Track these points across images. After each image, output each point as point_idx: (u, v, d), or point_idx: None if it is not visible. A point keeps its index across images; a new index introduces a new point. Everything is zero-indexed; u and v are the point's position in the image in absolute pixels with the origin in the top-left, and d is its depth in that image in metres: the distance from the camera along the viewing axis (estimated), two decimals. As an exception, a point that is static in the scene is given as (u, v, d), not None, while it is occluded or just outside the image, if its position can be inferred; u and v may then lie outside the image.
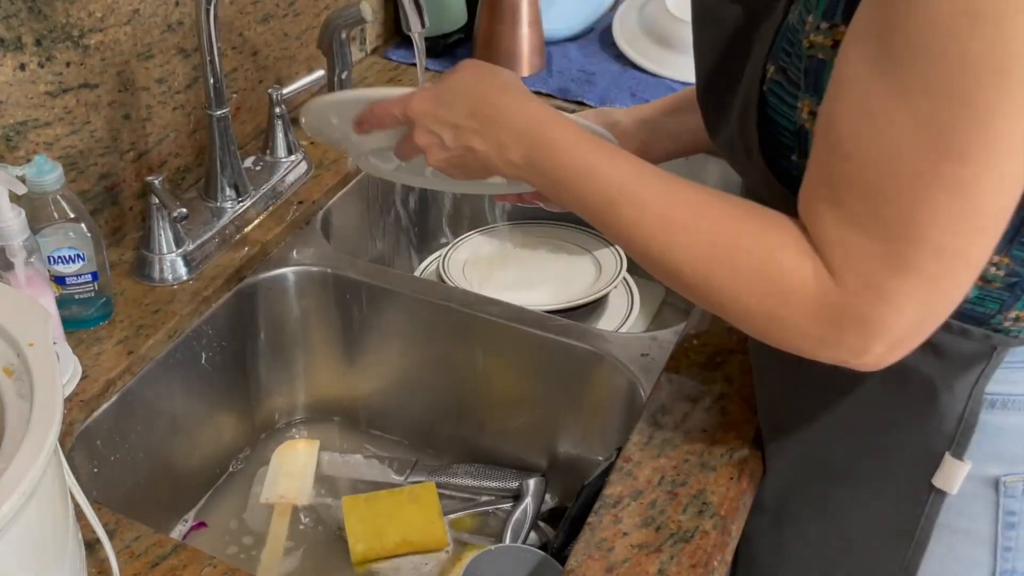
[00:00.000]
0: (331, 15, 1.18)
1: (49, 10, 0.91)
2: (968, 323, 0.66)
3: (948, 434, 0.70)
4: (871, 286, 0.59)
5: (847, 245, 0.59)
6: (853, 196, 0.58)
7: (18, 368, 0.56)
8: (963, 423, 0.69)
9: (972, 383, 0.68)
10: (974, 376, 0.68)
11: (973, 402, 0.68)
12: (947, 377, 0.68)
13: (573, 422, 1.03)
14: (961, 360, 0.67)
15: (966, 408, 0.68)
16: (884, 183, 0.57)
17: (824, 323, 0.61)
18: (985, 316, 0.66)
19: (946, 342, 0.66)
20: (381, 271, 1.08)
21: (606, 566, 0.72)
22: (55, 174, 0.87)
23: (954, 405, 0.69)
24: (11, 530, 0.49)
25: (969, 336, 0.67)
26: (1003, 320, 0.66)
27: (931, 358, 0.67)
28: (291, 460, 1.11)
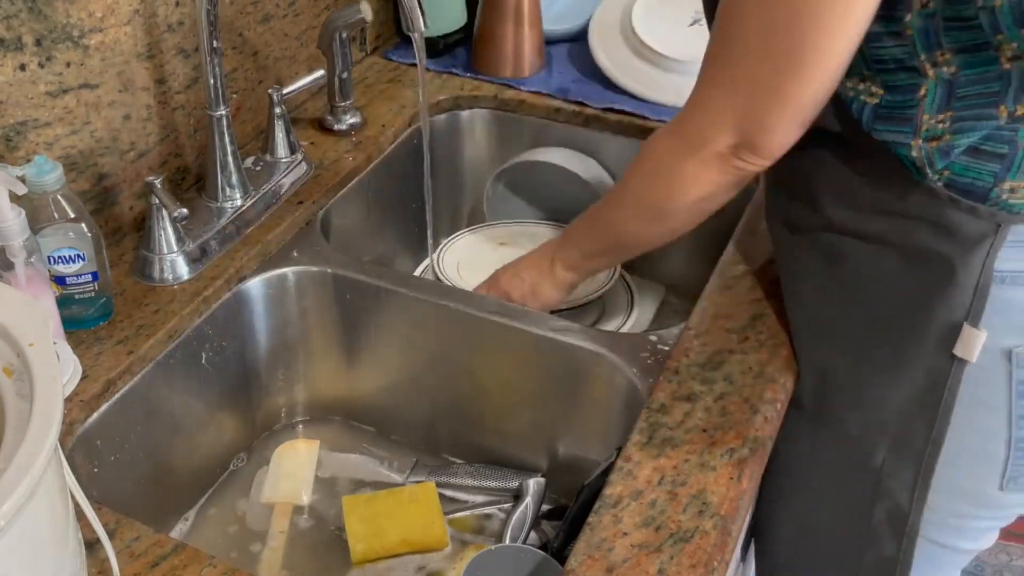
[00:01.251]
0: (331, 15, 1.18)
1: (49, 10, 0.91)
2: (973, 200, 0.74)
3: (965, 306, 0.78)
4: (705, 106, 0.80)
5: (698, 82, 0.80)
6: (710, 48, 0.78)
7: (18, 368, 0.56)
8: (977, 294, 0.77)
9: (983, 258, 0.76)
10: (984, 251, 0.76)
11: (985, 275, 0.76)
12: (961, 254, 0.76)
13: (573, 422, 1.03)
14: (972, 238, 0.76)
15: (979, 281, 0.77)
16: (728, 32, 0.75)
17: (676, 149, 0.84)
18: (984, 189, 0.74)
19: (957, 220, 0.75)
20: (381, 271, 1.08)
21: (606, 566, 0.72)
22: (55, 174, 0.87)
23: (969, 279, 0.77)
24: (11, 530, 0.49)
25: (977, 214, 0.75)
26: (1000, 192, 0.74)
27: (946, 238, 0.76)
28: (291, 460, 1.11)
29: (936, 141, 0.74)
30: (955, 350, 0.80)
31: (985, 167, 0.74)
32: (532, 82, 1.37)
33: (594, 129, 1.31)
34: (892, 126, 0.75)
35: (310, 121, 1.28)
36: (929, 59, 0.71)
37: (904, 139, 0.75)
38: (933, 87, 0.73)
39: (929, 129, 0.74)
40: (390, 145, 1.28)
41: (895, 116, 0.75)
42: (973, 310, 0.78)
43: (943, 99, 0.73)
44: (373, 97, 1.35)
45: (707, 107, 0.79)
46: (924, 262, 0.78)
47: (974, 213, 0.75)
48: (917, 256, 0.78)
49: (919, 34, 0.71)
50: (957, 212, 0.75)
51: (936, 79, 0.72)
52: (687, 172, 0.83)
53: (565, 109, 1.32)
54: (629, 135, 1.29)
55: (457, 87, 1.37)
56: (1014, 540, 1.89)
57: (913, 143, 0.74)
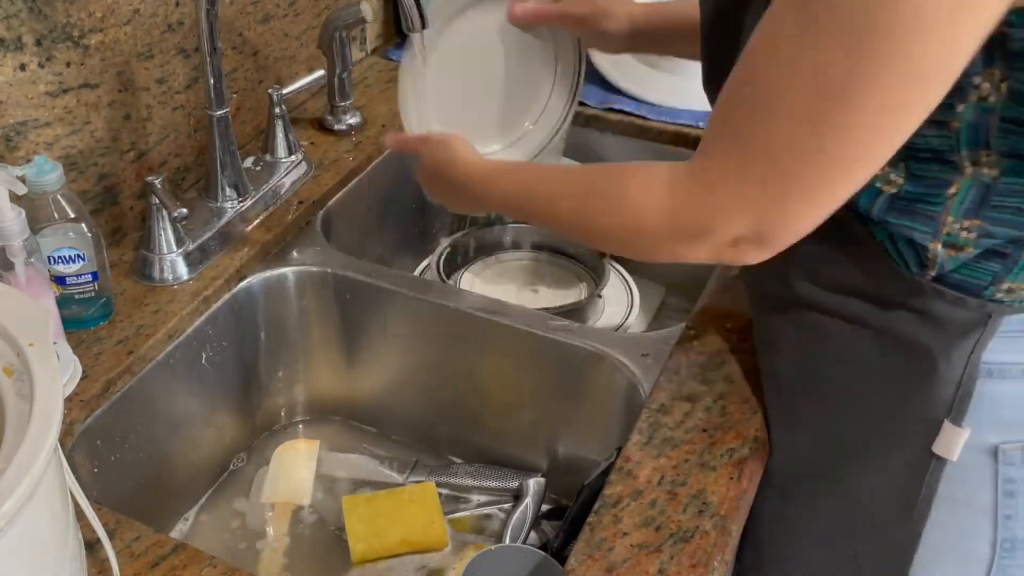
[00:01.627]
0: (331, 15, 1.18)
1: (49, 10, 0.91)
2: (962, 292, 0.68)
3: (947, 402, 0.72)
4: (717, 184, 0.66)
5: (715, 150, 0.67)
6: (736, 110, 0.65)
7: (18, 368, 0.56)
8: (960, 390, 0.71)
9: (968, 351, 0.70)
10: (970, 344, 0.70)
11: (970, 369, 0.70)
12: (945, 345, 0.70)
13: (573, 422, 1.03)
14: (957, 328, 0.70)
15: (963, 375, 0.71)
16: (764, 101, 0.62)
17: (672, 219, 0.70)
18: (978, 288, 0.68)
19: (942, 311, 0.69)
20: (381, 271, 1.08)
21: (606, 566, 0.72)
22: (55, 174, 0.87)
23: (952, 373, 0.71)
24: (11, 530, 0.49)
25: (965, 306, 0.69)
26: (995, 292, 0.68)
27: (929, 327, 0.70)
28: (291, 460, 1.10)
29: (955, 250, 0.67)
30: (934, 447, 0.74)
31: (985, 267, 0.67)
32: (532, 82, 1.37)
33: (594, 129, 1.31)
34: (909, 221, 0.67)
35: (310, 121, 1.28)
36: (971, 157, 0.64)
37: (922, 239, 0.67)
38: (967, 187, 0.65)
39: (951, 235, 0.66)
40: (390, 145, 1.28)
41: (916, 211, 0.67)
42: (956, 406, 0.72)
43: (974, 203, 0.65)
44: (373, 97, 1.35)
45: (719, 190, 0.66)
46: (903, 350, 0.72)
47: (962, 305, 0.69)
48: (896, 342, 0.72)
49: (967, 128, 0.62)
50: (942, 303, 0.69)
51: (973, 179, 0.64)
52: (668, 250, 0.72)
53: (565, 109, 1.32)
54: (629, 135, 1.29)
55: (457, 87, 1.37)
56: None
57: (931, 245, 0.67)
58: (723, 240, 0.68)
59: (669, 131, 1.27)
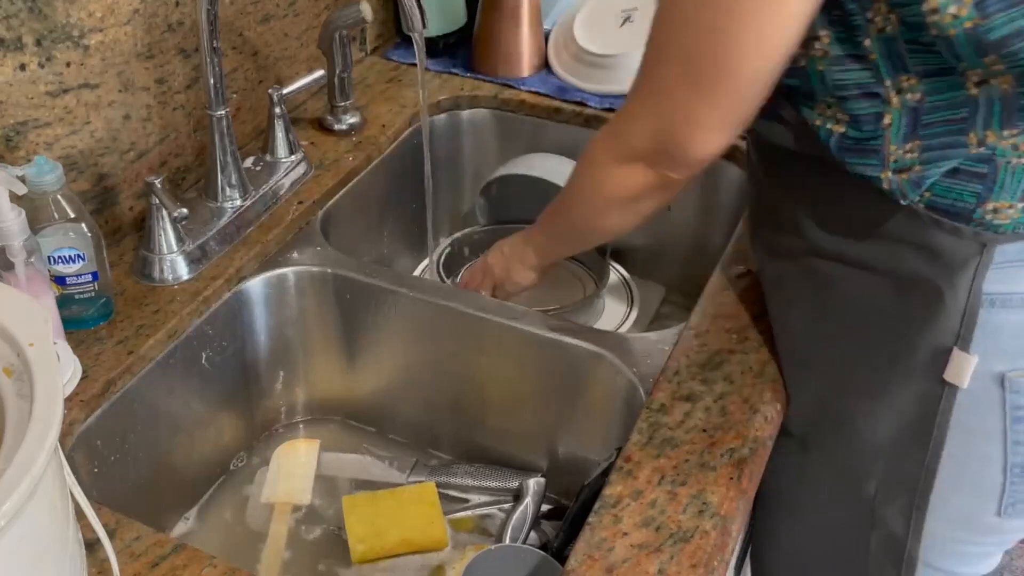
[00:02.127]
0: (331, 15, 1.18)
1: (49, 10, 0.91)
2: (956, 221, 0.73)
3: (953, 330, 0.76)
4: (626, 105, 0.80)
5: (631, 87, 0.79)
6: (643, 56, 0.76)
7: (18, 368, 0.56)
8: (965, 318, 0.75)
9: (970, 280, 0.74)
10: (970, 273, 0.74)
11: (972, 298, 0.75)
12: (947, 276, 0.75)
13: (573, 422, 1.03)
14: (957, 260, 0.74)
15: (967, 304, 0.75)
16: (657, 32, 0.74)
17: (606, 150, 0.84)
18: (967, 210, 0.72)
19: (941, 242, 0.74)
20: (381, 271, 1.08)
21: (606, 566, 0.72)
22: (55, 174, 0.87)
23: (956, 303, 0.75)
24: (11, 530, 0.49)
25: (960, 235, 0.73)
26: (983, 213, 0.72)
27: (931, 261, 0.75)
28: (291, 460, 1.11)
29: (906, 172, 0.72)
30: (945, 375, 0.78)
31: (966, 188, 0.72)
32: (532, 82, 1.37)
33: (594, 129, 1.31)
34: (860, 159, 0.73)
35: (310, 121, 1.28)
36: (894, 85, 0.69)
37: (873, 172, 0.73)
38: (898, 116, 0.70)
39: (897, 160, 0.72)
40: (390, 145, 1.28)
41: (862, 148, 0.73)
42: (962, 334, 0.76)
43: (909, 128, 0.71)
44: (373, 97, 1.35)
45: (630, 112, 0.80)
46: (910, 286, 0.77)
47: (958, 234, 0.73)
48: (903, 280, 0.77)
49: (882, 58, 0.69)
50: (940, 234, 0.74)
51: (901, 107, 0.70)
52: (613, 173, 0.83)
53: (565, 109, 1.32)
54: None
55: (457, 87, 1.37)
56: (1014, 540, 1.89)
57: (883, 175, 0.73)
58: (643, 154, 0.79)
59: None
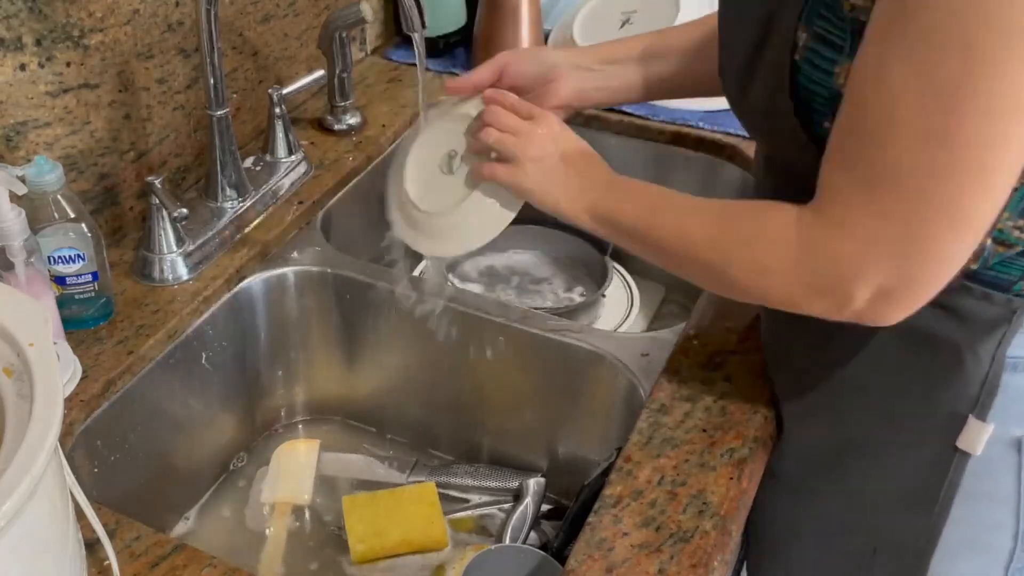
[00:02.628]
0: (331, 15, 1.18)
1: (49, 10, 0.91)
2: (990, 288, 0.69)
3: (972, 397, 0.72)
4: (846, 223, 0.62)
5: (837, 187, 0.63)
6: (853, 143, 0.62)
7: (18, 368, 0.56)
8: (986, 385, 0.71)
9: (995, 347, 0.70)
10: (996, 340, 0.70)
11: (996, 365, 0.70)
12: (971, 341, 0.70)
13: (573, 422, 1.03)
14: (984, 325, 0.70)
15: (989, 371, 0.71)
16: (879, 130, 0.59)
17: (804, 264, 0.66)
18: (1008, 283, 0.68)
19: (969, 307, 0.69)
20: (381, 271, 1.08)
21: (606, 566, 0.72)
22: (55, 174, 0.87)
23: (978, 368, 0.71)
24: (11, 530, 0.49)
25: (992, 301, 0.69)
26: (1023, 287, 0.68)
27: (955, 323, 0.70)
28: (291, 460, 1.10)
29: (1004, 248, 0.66)
30: (958, 443, 0.74)
31: (1016, 263, 0.67)
32: (532, 82, 1.37)
33: (594, 129, 1.31)
34: None
35: (310, 121, 1.28)
36: None
37: None
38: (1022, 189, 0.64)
39: (1003, 231, 0.66)
40: (390, 145, 1.28)
41: None
42: (981, 402, 0.72)
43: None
44: (373, 97, 1.35)
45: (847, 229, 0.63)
46: (929, 346, 0.72)
47: (988, 300, 0.69)
48: (920, 340, 0.72)
49: None
50: (969, 299, 0.69)
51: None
52: (804, 303, 0.68)
53: (565, 109, 1.32)
54: (629, 135, 1.29)
55: (457, 87, 1.37)
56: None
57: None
58: (860, 290, 0.64)
59: (669, 131, 1.27)
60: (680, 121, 1.28)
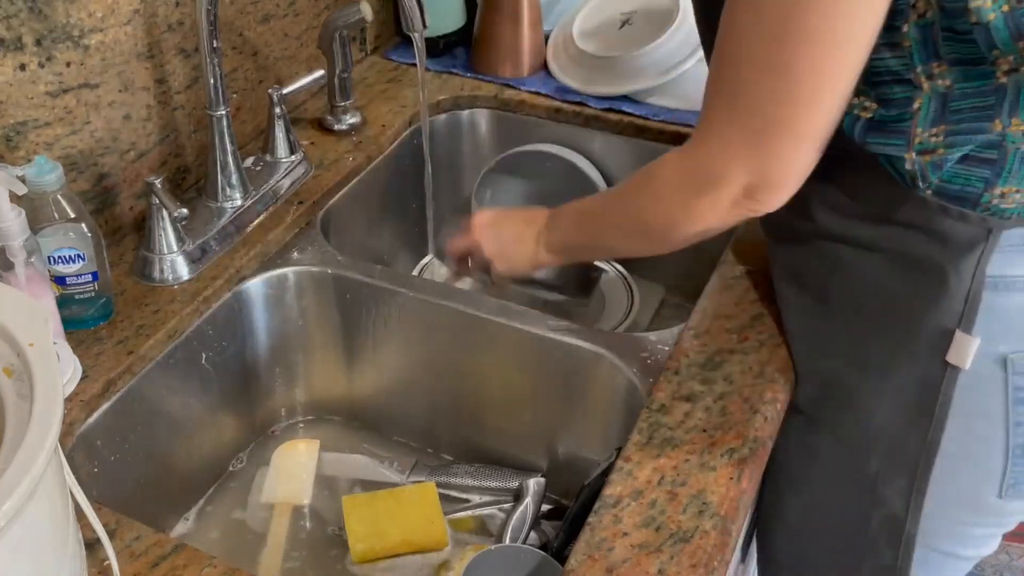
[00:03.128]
0: (331, 15, 1.18)
1: (49, 10, 0.91)
2: (964, 206, 0.74)
3: (957, 312, 0.78)
4: (712, 133, 0.77)
5: (707, 106, 0.77)
6: (715, 69, 0.75)
7: (18, 368, 0.56)
8: (969, 300, 0.77)
9: (974, 264, 0.76)
10: (975, 257, 0.76)
11: (976, 281, 0.76)
12: (953, 260, 0.76)
13: (573, 422, 1.03)
14: (963, 244, 0.76)
15: (971, 287, 0.77)
16: (732, 59, 0.73)
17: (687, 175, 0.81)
18: (975, 195, 0.74)
19: (948, 227, 0.75)
20: (381, 271, 1.08)
21: (606, 566, 0.72)
22: (55, 174, 0.87)
23: (961, 285, 0.77)
24: (11, 530, 0.49)
25: (967, 220, 0.75)
26: (991, 198, 0.74)
27: (937, 245, 0.76)
28: (291, 460, 1.11)
29: (929, 155, 0.73)
30: (948, 357, 0.79)
31: (975, 173, 0.73)
32: (532, 82, 1.37)
33: (594, 129, 1.31)
34: (885, 139, 0.75)
35: (310, 121, 1.28)
36: (925, 71, 0.71)
37: (897, 152, 0.74)
38: (927, 100, 0.72)
39: (923, 142, 0.73)
40: (390, 145, 1.28)
41: (888, 129, 0.74)
42: (965, 316, 0.77)
43: (937, 113, 0.72)
44: (373, 97, 1.35)
45: (717, 143, 0.76)
46: (916, 268, 0.78)
47: (964, 219, 0.75)
48: (909, 262, 0.78)
49: (916, 44, 0.70)
50: (947, 219, 0.75)
51: (931, 92, 0.71)
52: (694, 208, 0.80)
53: (565, 109, 1.32)
54: (629, 135, 1.29)
55: (457, 87, 1.37)
56: (1014, 540, 1.89)
57: (907, 156, 0.74)
58: (734, 189, 0.76)
59: (669, 131, 1.27)
60: (680, 121, 1.28)
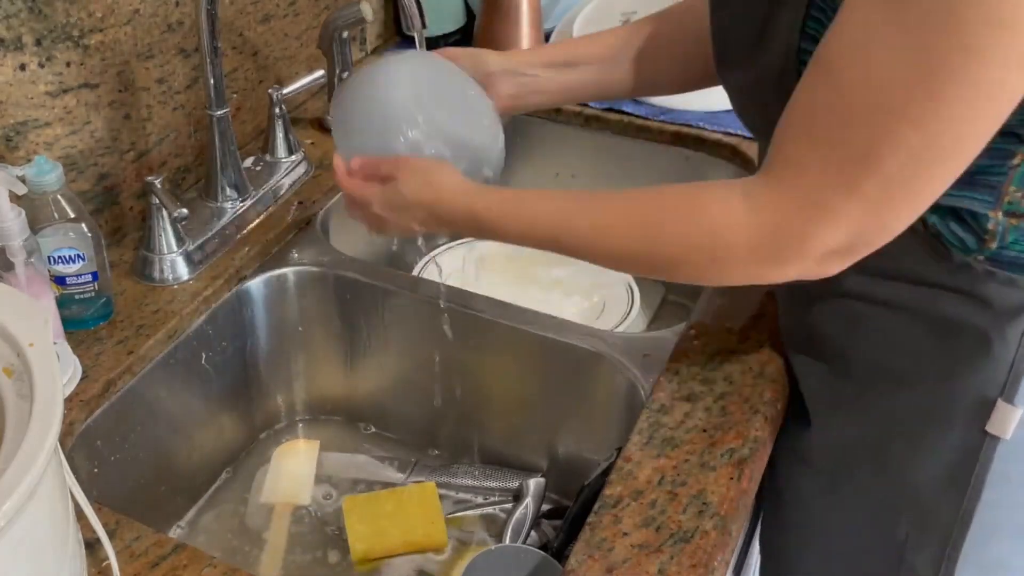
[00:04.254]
0: (331, 15, 1.18)
1: (49, 10, 0.91)
2: (1014, 271, 0.69)
3: (1000, 381, 0.73)
4: (817, 203, 0.63)
5: (805, 164, 0.64)
6: (828, 119, 0.62)
7: (18, 368, 0.56)
8: (1014, 369, 0.72)
9: (1021, 331, 0.71)
10: (1022, 324, 0.71)
11: (1022, 349, 0.72)
12: (998, 327, 0.71)
13: (573, 422, 1.03)
14: (1010, 310, 0.71)
15: (1016, 355, 0.72)
16: (859, 108, 0.60)
17: (761, 247, 0.66)
18: None
19: (993, 291, 0.70)
20: (381, 271, 1.08)
21: (606, 566, 0.72)
22: (55, 174, 0.87)
23: (1006, 353, 0.72)
24: (11, 530, 0.49)
25: (1015, 285, 0.70)
26: None
27: (981, 308, 0.71)
28: (291, 460, 1.11)
29: (1017, 219, 0.67)
30: (988, 427, 0.75)
31: None
32: (532, 82, 1.37)
33: (594, 129, 1.31)
34: (970, 192, 0.66)
35: (310, 121, 1.28)
36: None
37: (983, 208, 0.67)
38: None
39: (1012, 203, 0.66)
40: (390, 145, 1.28)
41: (977, 182, 0.66)
42: (1009, 385, 0.73)
43: None
44: (373, 97, 1.35)
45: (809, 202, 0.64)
46: (952, 333, 0.73)
47: (1012, 284, 0.69)
48: (945, 327, 0.73)
49: None
50: (992, 283, 0.70)
51: None
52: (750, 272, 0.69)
53: (565, 109, 1.32)
54: (629, 135, 1.29)
55: (457, 87, 1.37)
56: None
57: (992, 214, 0.67)
58: (814, 256, 0.65)
59: (669, 131, 1.27)
60: (680, 121, 1.28)
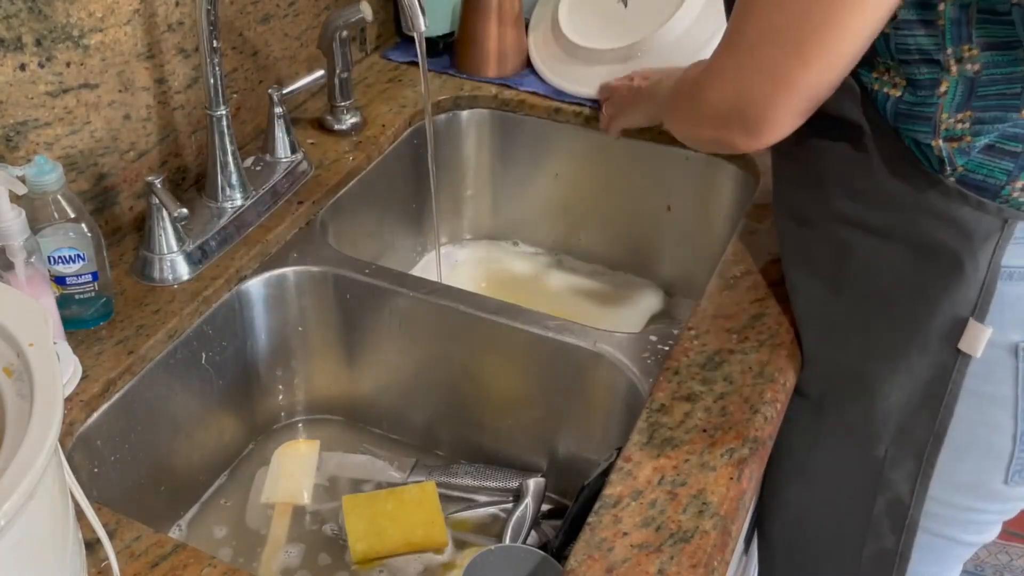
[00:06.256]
0: (331, 15, 1.18)
1: (49, 10, 0.91)
2: (983, 196, 0.75)
3: (971, 301, 0.79)
4: (710, 67, 0.78)
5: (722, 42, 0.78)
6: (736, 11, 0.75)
7: (18, 368, 0.56)
8: (983, 290, 0.78)
9: (990, 254, 0.77)
10: (991, 247, 0.77)
11: (992, 271, 0.77)
12: (969, 249, 0.77)
13: (573, 422, 1.03)
14: (980, 233, 0.77)
15: (986, 276, 0.78)
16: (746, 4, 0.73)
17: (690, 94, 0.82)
18: (996, 187, 0.75)
19: (966, 216, 0.76)
20: (381, 271, 1.08)
21: (606, 566, 0.72)
22: (55, 174, 0.87)
23: (976, 274, 0.78)
24: (11, 530, 0.49)
25: (985, 209, 0.76)
26: (1012, 191, 0.75)
27: (954, 232, 0.77)
28: (291, 460, 1.11)
29: (956, 142, 0.74)
30: (960, 345, 0.80)
31: (998, 165, 0.74)
32: (531, 82, 1.37)
33: (594, 129, 1.31)
34: (913, 125, 0.75)
35: (310, 121, 1.28)
36: (955, 54, 0.71)
37: (925, 139, 0.75)
38: (954, 84, 0.72)
39: (948, 129, 0.74)
40: (390, 145, 1.28)
41: (915, 114, 0.75)
42: (979, 305, 0.78)
43: (963, 98, 0.72)
44: (373, 97, 1.35)
45: (717, 74, 0.78)
46: (931, 256, 0.79)
47: (982, 209, 0.75)
48: (924, 250, 0.79)
49: (951, 24, 0.70)
50: (966, 208, 0.76)
51: (959, 76, 0.72)
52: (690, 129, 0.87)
53: (565, 109, 1.32)
54: (629, 135, 1.29)
55: (457, 87, 1.37)
56: (1015, 540, 1.89)
57: (934, 143, 0.75)
58: (719, 116, 0.78)
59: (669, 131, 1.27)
60: (680, 121, 1.28)
